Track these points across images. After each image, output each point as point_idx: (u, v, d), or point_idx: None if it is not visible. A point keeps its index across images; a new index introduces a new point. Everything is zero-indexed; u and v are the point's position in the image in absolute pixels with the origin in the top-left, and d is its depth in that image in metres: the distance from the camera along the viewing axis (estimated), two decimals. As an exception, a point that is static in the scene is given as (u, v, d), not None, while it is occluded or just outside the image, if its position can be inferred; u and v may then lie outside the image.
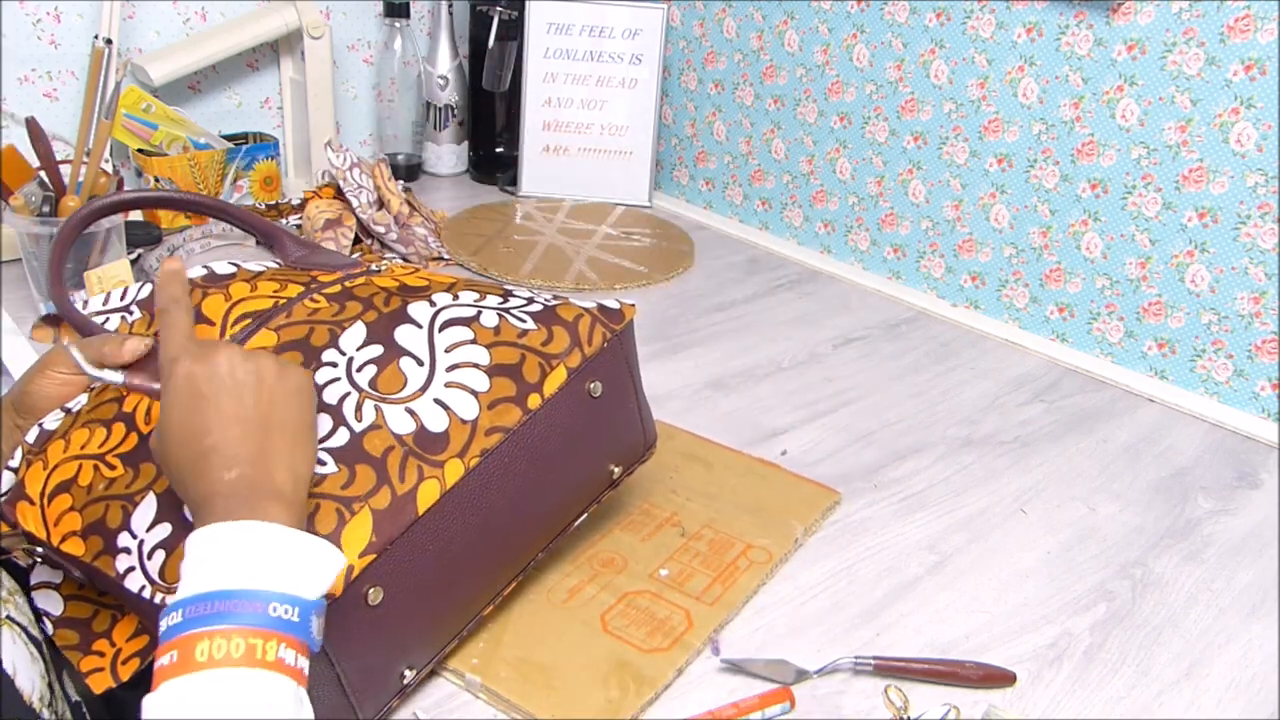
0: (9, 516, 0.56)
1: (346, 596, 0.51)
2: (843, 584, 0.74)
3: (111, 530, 0.53)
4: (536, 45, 1.41)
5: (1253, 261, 0.99)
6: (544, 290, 1.16)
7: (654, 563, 0.72)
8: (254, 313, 0.61)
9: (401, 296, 0.63)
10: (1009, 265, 1.18)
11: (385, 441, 0.55)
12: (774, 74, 1.36)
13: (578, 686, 0.61)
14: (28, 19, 1.20)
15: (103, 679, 0.58)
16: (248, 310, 0.61)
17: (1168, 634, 0.72)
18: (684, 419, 0.92)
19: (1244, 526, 0.85)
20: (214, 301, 0.61)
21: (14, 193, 0.97)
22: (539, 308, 0.65)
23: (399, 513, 0.54)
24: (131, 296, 0.66)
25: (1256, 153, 0.96)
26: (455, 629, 0.60)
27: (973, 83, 1.15)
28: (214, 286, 0.63)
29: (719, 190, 1.49)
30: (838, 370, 1.05)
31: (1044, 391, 1.04)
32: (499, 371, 0.60)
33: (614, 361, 0.66)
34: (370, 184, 1.22)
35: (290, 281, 0.64)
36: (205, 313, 0.61)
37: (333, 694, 0.53)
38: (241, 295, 0.62)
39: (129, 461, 0.55)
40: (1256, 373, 1.01)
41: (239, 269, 0.66)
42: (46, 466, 0.57)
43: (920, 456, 0.90)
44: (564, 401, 0.62)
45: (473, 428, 0.58)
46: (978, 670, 0.65)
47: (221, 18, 1.33)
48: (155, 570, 0.52)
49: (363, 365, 0.58)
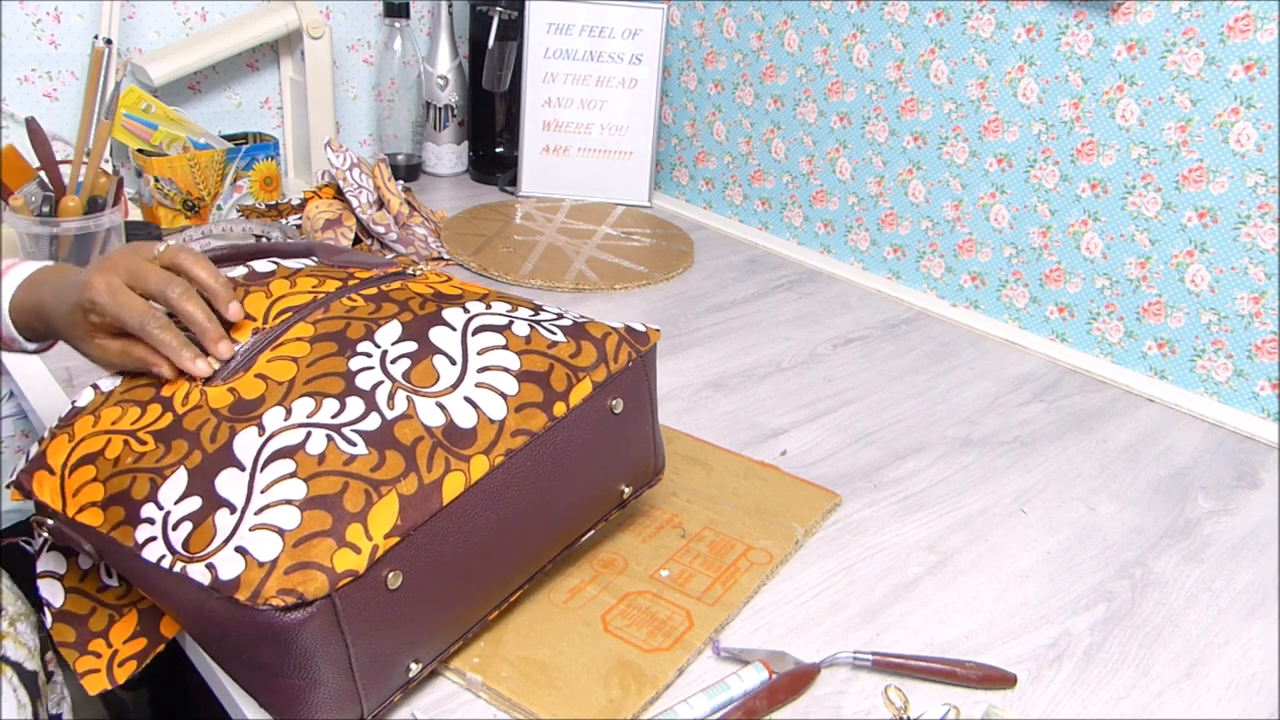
0: (25, 485, 0.57)
1: (367, 577, 0.52)
2: (843, 584, 0.74)
3: (136, 501, 0.55)
4: (536, 45, 1.41)
5: (1253, 261, 0.99)
6: (544, 290, 1.17)
7: (655, 563, 0.72)
8: (294, 307, 0.64)
9: (436, 302, 0.65)
10: (1009, 265, 1.18)
11: (415, 431, 0.57)
12: (774, 74, 1.36)
13: (579, 686, 0.61)
14: (28, 19, 1.20)
15: (98, 680, 0.58)
16: (288, 305, 0.64)
17: (1168, 634, 0.72)
18: (684, 419, 0.93)
19: (1244, 526, 0.85)
20: (256, 299, 0.64)
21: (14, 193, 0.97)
22: (569, 323, 0.67)
23: (425, 500, 0.55)
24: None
25: (1256, 153, 0.96)
26: (462, 628, 0.61)
27: (972, 83, 1.15)
28: (255, 285, 0.65)
29: (719, 190, 1.49)
30: (838, 370, 1.05)
31: (1044, 391, 1.04)
32: (528, 378, 0.62)
33: (636, 381, 0.68)
34: (370, 184, 1.22)
35: (328, 278, 0.67)
36: (248, 309, 0.64)
37: (341, 679, 0.53)
38: (282, 292, 0.65)
39: (161, 438, 0.57)
40: (1256, 373, 1.01)
41: (279, 266, 0.69)
42: (73, 439, 0.59)
43: (920, 456, 0.90)
44: (587, 414, 0.64)
45: (500, 428, 0.59)
46: (978, 670, 0.65)
47: (221, 18, 1.33)
48: (179, 541, 0.53)
49: (397, 359, 0.60)
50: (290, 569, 0.50)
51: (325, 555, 0.50)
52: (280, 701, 0.54)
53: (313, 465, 0.53)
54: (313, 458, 0.54)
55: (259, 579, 0.50)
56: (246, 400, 0.58)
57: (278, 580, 0.50)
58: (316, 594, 0.50)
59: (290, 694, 0.53)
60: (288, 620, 0.49)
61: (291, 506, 0.52)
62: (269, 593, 0.49)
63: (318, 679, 0.52)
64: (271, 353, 0.61)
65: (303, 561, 0.50)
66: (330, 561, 0.50)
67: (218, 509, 0.53)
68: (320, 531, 0.51)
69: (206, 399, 0.58)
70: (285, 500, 0.52)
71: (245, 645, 0.52)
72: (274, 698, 0.54)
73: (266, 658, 0.52)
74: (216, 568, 0.51)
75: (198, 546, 0.52)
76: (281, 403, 0.57)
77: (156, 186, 1.20)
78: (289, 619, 0.49)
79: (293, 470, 0.53)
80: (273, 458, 0.54)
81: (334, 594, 0.50)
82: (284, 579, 0.50)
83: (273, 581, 0.49)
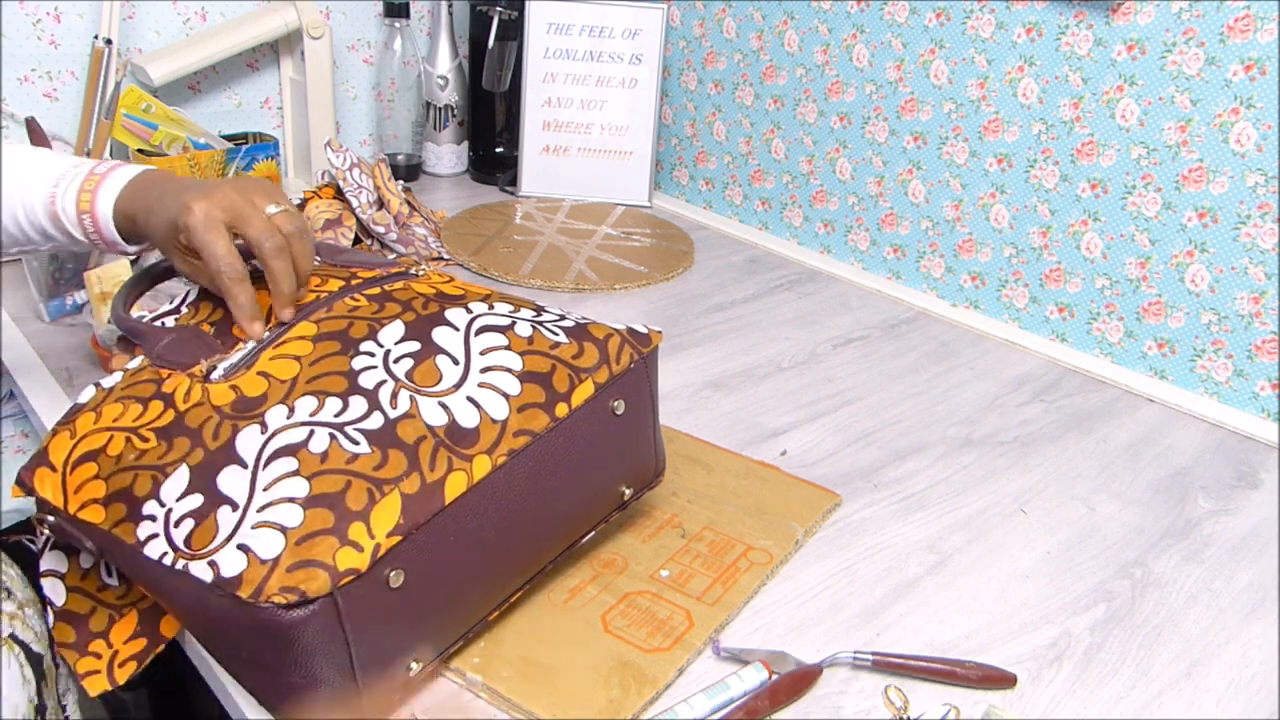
0: (27, 482, 0.57)
1: (369, 576, 0.52)
2: (843, 584, 0.74)
3: (138, 498, 0.55)
4: (536, 45, 1.41)
5: (1253, 261, 0.99)
6: (544, 290, 1.17)
7: (655, 563, 0.72)
8: (297, 306, 0.64)
9: (439, 302, 0.66)
10: (1009, 265, 1.18)
11: (418, 430, 0.57)
12: (774, 74, 1.36)
13: (579, 686, 0.61)
14: (28, 19, 1.20)
15: (99, 681, 0.58)
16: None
17: (1168, 634, 0.72)
18: (684, 419, 0.93)
19: (1244, 526, 0.85)
20: (259, 298, 0.64)
21: (14, 193, 0.97)
22: (571, 324, 0.67)
23: (427, 499, 0.55)
24: (179, 300, 0.69)
25: (1256, 153, 0.96)
26: (462, 628, 0.61)
27: (972, 83, 1.15)
28: (259, 283, 0.65)
29: (719, 190, 1.49)
30: (838, 370, 1.05)
31: (1044, 391, 1.04)
32: (530, 378, 0.62)
33: (638, 383, 0.68)
34: (370, 184, 1.22)
35: (331, 277, 0.68)
36: None
37: (342, 677, 0.53)
38: None
39: (163, 435, 0.57)
40: (1256, 373, 1.01)
41: None
42: (74, 436, 0.59)
43: (920, 456, 0.90)
44: (589, 415, 0.64)
45: (502, 428, 0.59)
46: (978, 670, 0.65)
47: (221, 18, 1.33)
48: (181, 538, 0.53)
49: (400, 358, 0.60)
50: (292, 567, 0.50)
51: (327, 553, 0.51)
52: (281, 699, 0.54)
53: (315, 463, 0.53)
54: (315, 456, 0.54)
55: (261, 576, 0.50)
56: (249, 398, 0.58)
57: (280, 578, 0.50)
58: (318, 592, 0.50)
59: (291, 692, 0.53)
60: (289, 618, 0.50)
61: (294, 504, 0.52)
62: (271, 590, 0.49)
63: (318, 677, 0.52)
64: (274, 351, 0.61)
65: (305, 559, 0.50)
66: (332, 560, 0.50)
67: (220, 506, 0.53)
68: (322, 530, 0.51)
69: (209, 396, 0.58)
70: (287, 498, 0.52)
71: (246, 643, 0.52)
72: (275, 696, 0.54)
73: (268, 655, 0.52)
74: (218, 565, 0.51)
75: (200, 544, 0.52)
76: (284, 401, 0.57)
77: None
78: (291, 617, 0.50)
79: (295, 468, 0.53)
80: (275, 455, 0.54)
81: (336, 592, 0.50)
82: (286, 577, 0.50)
83: (275, 579, 0.49)
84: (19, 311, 1.01)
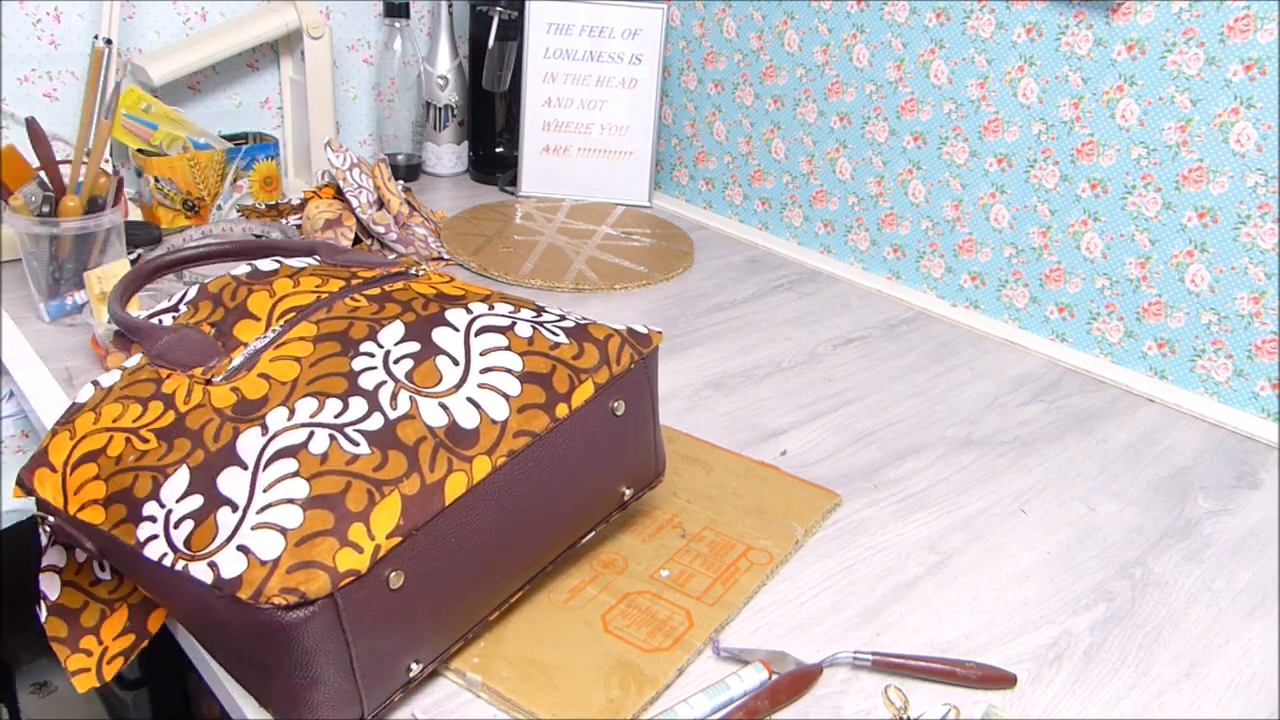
0: (27, 483, 0.57)
1: (369, 576, 0.52)
2: (843, 584, 0.74)
3: (138, 499, 0.55)
4: (536, 45, 1.41)
5: (1253, 261, 0.99)
6: (544, 290, 1.17)
7: (655, 563, 0.72)
8: (297, 307, 0.64)
9: (439, 302, 0.66)
10: (1009, 265, 1.18)
11: (418, 431, 0.57)
12: (774, 74, 1.36)
13: (579, 686, 0.61)
14: (28, 19, 1.20)
15: (88, 679, 0.59)
16: (291, 305, 0.64)
17: (1168, 634, 0.72)
18: (684, 419, 0.93)
19: (1244, 526, 0.85)
20: (259, 298, 0.65)
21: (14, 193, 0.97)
22: (571, 324, 0.67)
23: (427, 500, 0.55)
24: (178, 298, 0.69)
25: (1256, 153, 0.96)
26: (463, 629, 0.61)
27: (972, 83, 1.15)
28: (258, 283, 0.66)
29: (719, 190, 1.49)
30: (838, 370, 1.05)
31: (1044, 391, 1.04)
32: (530, 379, 0.62)
33: (638, 383, 0.68)
34: (370, 184, 1.22)
35: (331, 277, 0.68)
36: (251, 308, 0.64)
37: (342, 678, 0.53)
38: (285, 291, 0.65)
39: (163, 436, 0.57)
40: (1256, 373, 1.01)
41: (282, 265, 0.69)
42: (74, 437, 0.59)
43: (920, 456, 0.90)
44: (589, 415, 0.64)
45: (502, 428, 0.59)
46: (978, 670, 0.65)
47: (221, 18, 1.33)
48: (181, 539, 0.53)
49: (400, 359, 0.60)
50: (292, 568, 0.50)
51: (327, 554, 0.51)
52: (281, 701, 0.54)
53: (315, 465, 0.53)
54: (315, 457, 0.54)
55: (261, 578, 0.50)
56: (249, 400, 0.58)
57: (280, 579, 0.50)
58: (318, 593, 0.50)
59: (291, 693, 0.53)
60: (289, 619, 0.50)
61: (294, 505, 0.52)
62: (271, 591, 0.49)
63: (319, 678, 0.52)
64: (274, 352, 0.61)
65: (305, 560, 0.50)
66: (332, 561, 0.51)
67: (220, 507, 0.53)
68: (322, 531, 0.51)
69: (209, 398, 0.58)
70: (287, 499, 0.52)
71: (246, 644, 0.52)
72: (275, 697, 0.54)
73: (268, 657, 0.52)
74: (218, 566, 0.51)
75: (200, 545, 0.52)
76: (284, 402, 0.57)
77: (156, 186, 1.20)
78: (291, 618, 0.50)
79: (295, 469, 0.53)
80: (275, 457, 0.54)
81: (336, 593, 0.50)
82: (286, 578, 0.50)
83: (275, 580, 0.50)
84: (19, 311, 1.01)
